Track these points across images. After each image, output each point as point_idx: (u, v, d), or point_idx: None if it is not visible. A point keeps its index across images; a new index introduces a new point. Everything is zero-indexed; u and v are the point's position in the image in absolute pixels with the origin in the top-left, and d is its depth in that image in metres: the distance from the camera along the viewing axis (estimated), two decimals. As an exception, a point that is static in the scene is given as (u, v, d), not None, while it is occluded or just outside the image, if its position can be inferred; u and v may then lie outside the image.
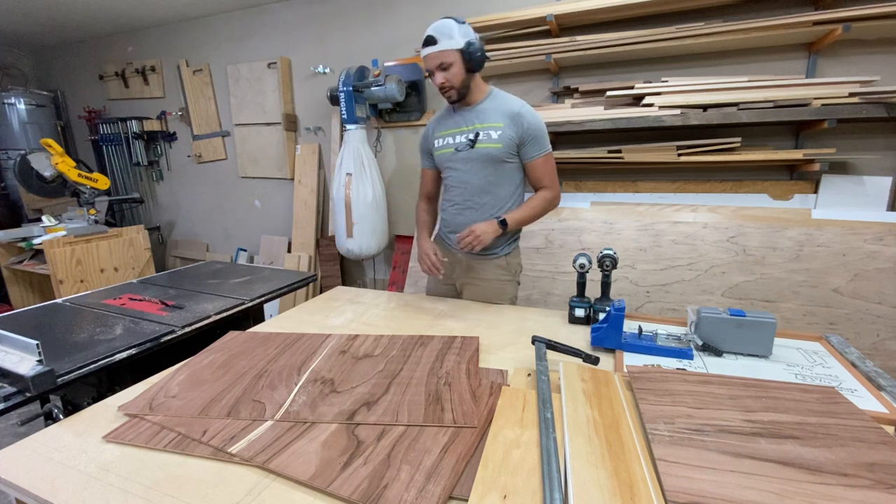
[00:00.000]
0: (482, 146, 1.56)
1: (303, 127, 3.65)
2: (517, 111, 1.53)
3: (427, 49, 1.46)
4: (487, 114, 1.56)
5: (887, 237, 1.99)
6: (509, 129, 1.53)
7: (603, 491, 0.67)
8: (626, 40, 2.29)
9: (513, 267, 1.71)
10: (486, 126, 1.55)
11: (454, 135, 1.62)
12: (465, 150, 1.58)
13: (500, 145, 1.54)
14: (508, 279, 1.71)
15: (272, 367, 1.13)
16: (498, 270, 1.69)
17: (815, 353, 1.19)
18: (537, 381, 0.98)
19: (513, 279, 1.72)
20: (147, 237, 3.48)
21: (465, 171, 1.61)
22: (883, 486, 0.66)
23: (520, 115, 1.53)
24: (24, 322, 1.49)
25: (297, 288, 1.96)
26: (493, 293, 1.70)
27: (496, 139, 1.54)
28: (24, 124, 4.24)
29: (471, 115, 1.59)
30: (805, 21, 2.01)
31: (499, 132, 1.54)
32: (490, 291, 1.70)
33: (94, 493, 0.73)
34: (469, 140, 1.57)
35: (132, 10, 3.67)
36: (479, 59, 1.47)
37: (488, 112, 1.56)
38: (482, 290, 1.71)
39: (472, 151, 1.57)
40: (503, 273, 1.69)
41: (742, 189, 2.38)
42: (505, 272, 1.70)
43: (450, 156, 1.63)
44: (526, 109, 1.55)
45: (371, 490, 0.70)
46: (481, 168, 1.58)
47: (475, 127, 1.57)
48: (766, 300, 2.09)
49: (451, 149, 1.62)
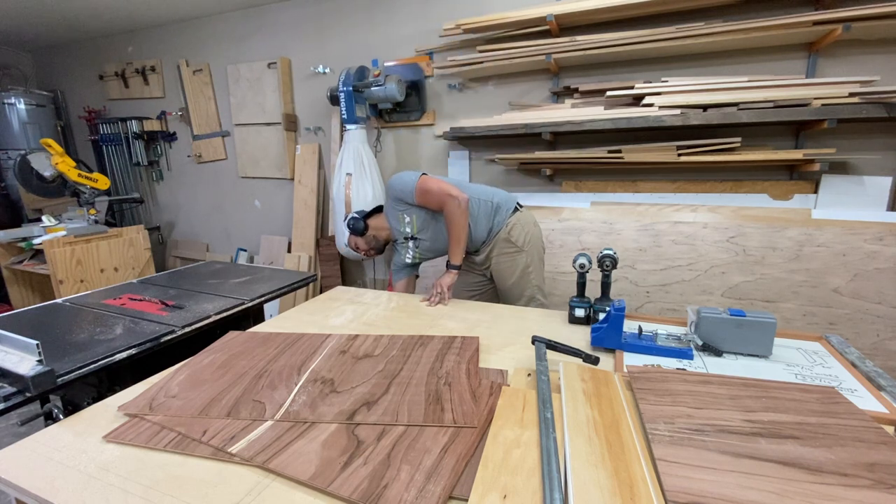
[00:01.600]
0: (415, 225, 1.84)
1: (303, 127, 3.65)
2: (389, 202, 1.87)
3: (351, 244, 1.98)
4: (395, 220, 1.87)
5: (887, 237, 1.99)
6: (399, 207, 1.83)
7: (603, 491, 0.67)
8: (626, 40, 2.29)
9: (518, 238, 1.83)
10: (402, 227, 1.86)
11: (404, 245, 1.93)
12: (416, 240, 1.89)
13: (414, 217, 1.82)
14: (515, 250, 1.83)
15: (272, 367, 1.13)
16: (503, 244, 1.84)
17: (815, 353, 1.19)
18: (537, 381, 0.98)
19: (521, 249, 1.83)
20: (147, 237, 3.48)
21: (434, 244, 1.87)
22: (883, 486, 0.66)
23: (389, 201, 1.86)
24: (24, 322, 1.49)
25: (297, 288, 1.96)
26: (506, 270, 1.85)
27: (409, 220, 1.84)
28: (24, 124, 4.24)
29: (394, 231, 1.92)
30: (805, 21, 2.01)
31: (406, 216, 1.83)
32: (502, 270, 1.86)
33: (94, 493, 0.73)
34: (411, 235, 1.88)
35: (132, 10, 3.66)
36: (359, 229, 1.90)
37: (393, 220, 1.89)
38: (498, 268, 1.87)
39: (419, 231, 1.86)
40: (508, 246, 1.83)
41: (742, 189, 2.38)
42: (509, 244, 1.83)
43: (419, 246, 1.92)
44: (388, 189, 1.85)
45: (371, 490, 0.70)
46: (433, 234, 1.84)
47: (402, 231, 1.87)
48: (766, 300, 2.09)
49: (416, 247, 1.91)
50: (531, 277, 1.85)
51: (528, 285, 1.85)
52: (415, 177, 1.75)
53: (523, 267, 1.83)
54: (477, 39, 2.81)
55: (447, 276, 1.75)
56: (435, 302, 1.69)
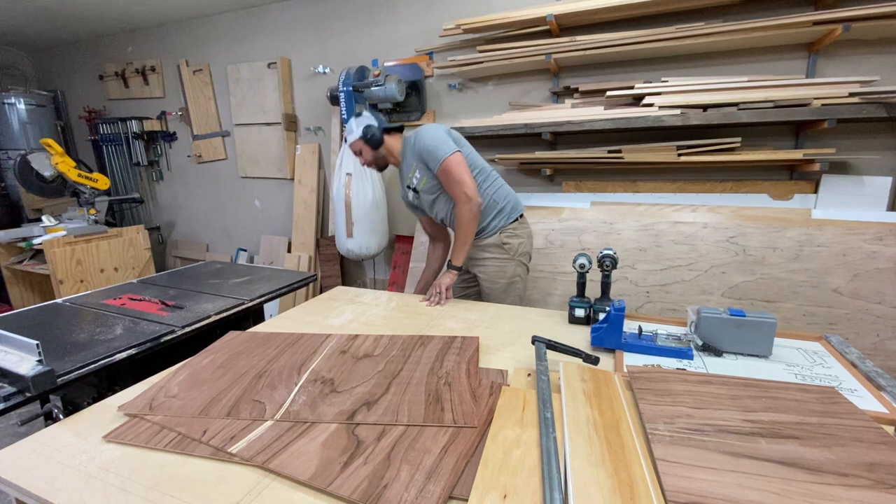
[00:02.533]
0: (420, 186, 1.79)
1: (303, 127, 3.65)
2: (413, 143, 1.74)
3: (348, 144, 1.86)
4: (407, 161, 1.80)
5: (887, 237, 1.99)
6: (418, 164, 1.74)
7: (603, 491, 0.67)
8: (626, 40, 2.29)
9: (512, 247, 1.81)
10: (411, 173, 1.79)
11: (406, 189, 1.88)
12: (416, 196, 1.85)
13: (425, 179, 1.76)
14: (506, 258, 1.82)
15: (272, 367, 1.13)
16: (494, 249, 1.82)
17: (815, 353, 1.19)
18: (537, 381, 0.98)
19: (511, 258, 1.82)
20: (147, 237, 3.49)
21: (429, 206, 1.85)
22: (883, 486, 0.66)
23: (414, 145, 1.73)
24: (24, 322, 1.49)
25: (297, 288, 1.96)
26: (494, 273, 1.83)
27: (420, 177, 1.77)
28: (24, 124, 4.24)
29: (403, 169, 1.85)
30: (805, 21, 2.01)
31: (417, 171, 1.77)
32: (489, 271, 1.83)
33: (94, 493, 0.73)
34: (412, 188, 1.83)
35: (132, 10, 3.67)
36: (376, 138, 1.77)
37: (407, 159, 1.80)
38: (484, 270, 1.85)
39: (421, 193, 1.82)
40: (499, 251, 1.81)
41: (742, 189, 2.38)
42: (500, 250, 1.81)
43: (416, 204, 1.91)
44: (418, 134, 1.72)
45: (371, 490, 0.70)
46: (435, 200, 1.80)
47: (408, 178, 1.82)
48: (766, 300, 2.09)
49: (412, 200, 1.89)
50: (517, 287, 1.85)
51: (513, 294, 1.84)
52: (446, 148, 1.64)
53: (511, 275, 1.82)
54: (477, 39, 2.81)
55: (447, 276, 1.74)
56: (434, 302, 1.69)
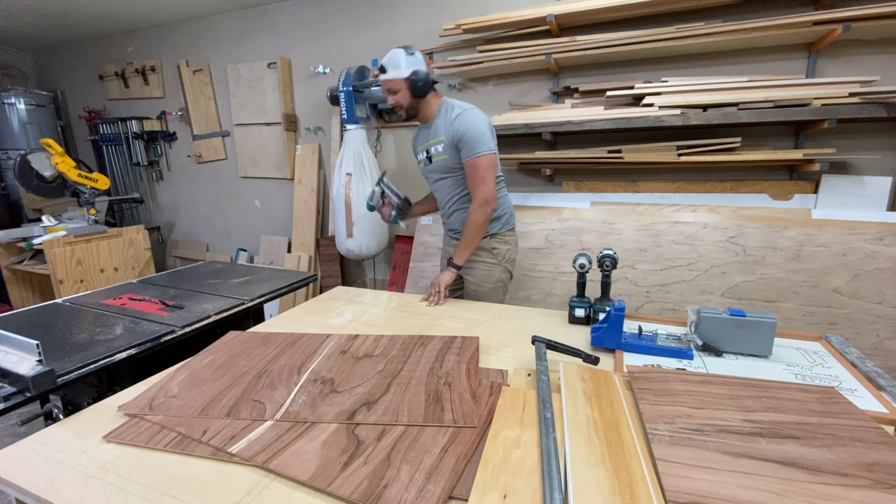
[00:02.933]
0: (436, 159, 1.74)
1: (303, 127, 3.65)
2: (453, 119, 1.66)
3: (381, 76, 1.68)
4: (437, 129, 1.72)
5: (887, 237, 1.99)
6: (449, 140, 1.68)
7: (603, 491, 0.67)
8: (626, 40, 2.29)
9: (500, 253, 1.81)
10: (435, 141, 1.72)
11: (420, 151, 1.82)
12: (427, 164, 1.79)
13: (445, 156, 1.71)
14: (494, 262, 1.81)
15: (272, 367, 1.13)
16: (483, 253, 1.80)
17: (815, 353, 1.19)
18: (537, 381, 0.98)
19: (499, 263, 1.82)
20: (147, 237, 3.49)
21: (433, 182, 1.83)
22: (883, 486, 0.66)
23: (454, 122, 1.66)
24: (24, 322, 1.49)
25: (297, 288, 1.96)
26: (480, 276, 1.81)
27: (441, 151, 1.71)
28: (24, 124, 4.24)
29: (428, 132, 1.76)
30: (805, 21, 2.01)
31: (442, 145, 1.70)
32: (476, 274, 1.81)
33: (94, 493, 0.73)
34: (427, 157, 1.77)
35: (132, 10, 3.66)
36: (422, 87, 1.66)
37: (438, 127, 1.72)
38: (472, 272, 1.82)
39: (432, 165, 1.77)
40: (487, 256, 1.80)
41: (742, 189, 2.38)
42: (489, 255, 1.80)
43: (422, 170, 1.85)
44: (463, 115, 1.65)
45: (371, 490, 0.70)
46: (443, 177, 1.77)
47: (429, 143, 1.75)
48: (766, 300, 2.09)
49: (421, 164, 1.84)
50: (499, 293, 1.85)
51: (495, 300, 1.83)
52: (486, 145, 1.62)
53: (496, 280, 1.82)
54: (477, 39, 2.81)
55: (446, 273, 1.73)
56: (433, 302, 1.69)
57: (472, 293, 1.85)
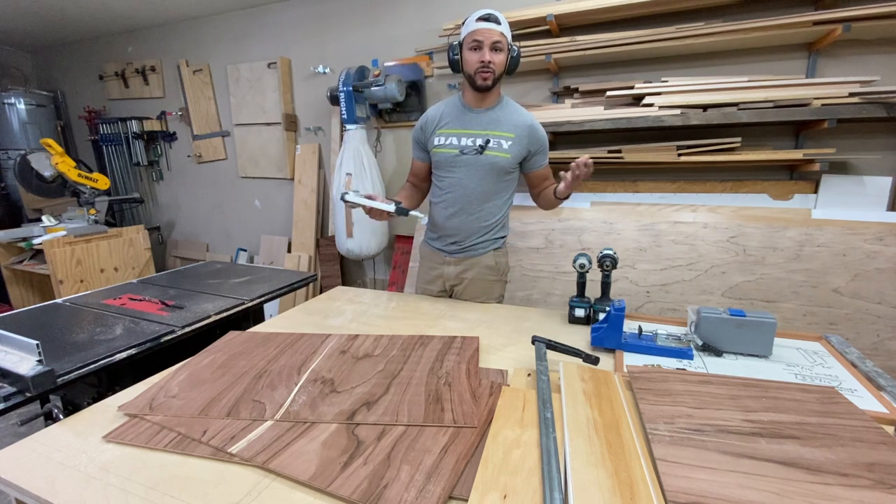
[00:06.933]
0: (491, 154, 1.54)
1: (303, 127, 3.65)
2: (530, 124, 1.56)
3: (488, 24, 1.41)
4: (500, 123, 1.55)
5: (887, 237, 1.99)
6: (521, 141, 1.55)
7: (603, 491, 0.67)
8: (626, 40, 2.29)
9: (501, 266, 1.74)
10: (497, 134, 1.54)
11: (460, 136, 1.56)
12: (472, 154, 1.55)
13: (508, 156, 1.54)
14: (496, 278, 1.73)
15: (272, 367, 1.13)
16: (485, 270, 1.70)
17: (815, 353, 1.19)
18: (537, 381, 0.98)
19: (500, 279, 1.75)
20: (147, 237, 3.49)
21: (467, 175, 1.58)
22: (883, 486, 0.66)
23: (533, 128, 1.57)
24: (24, 322, 1.48)
25: (297, 288, 1.96)
26: (481, 292, 1.72)
27: (506, 149, 1.54)
28: (24, 124, 4.24)
29: (482, 120, 1.55)
30: (805, 21, 2.01)
31: (510, 143, 1.54)
32: (477, 290, 1.72)
33: (94, 493, 0.73)
34: (478, 146, 1.54)
35: (132, 10, 3.66)
36: (515, 62, 1.50)
37: (501, 121, 1.55)
38: (470, 289, 1.72)
39: (480, 157, 1.54)
40: (490, 272, 1.71)
41: (742, 189, 2.38)
42: (492, 271, 1.72)
43: (452, 157, 1.57)
44: (537, 123, 1.59)
45: (371, 490, 0.70)
46: (485, 175, 1.57)
47: (486, 133, 1.54)
48: (766, 300, 2.09)
49: (454, 150, 1.56)
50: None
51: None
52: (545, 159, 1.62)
53: (497, 296, 1.75)
54: (477, 39, 2.80)
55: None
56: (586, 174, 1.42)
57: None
